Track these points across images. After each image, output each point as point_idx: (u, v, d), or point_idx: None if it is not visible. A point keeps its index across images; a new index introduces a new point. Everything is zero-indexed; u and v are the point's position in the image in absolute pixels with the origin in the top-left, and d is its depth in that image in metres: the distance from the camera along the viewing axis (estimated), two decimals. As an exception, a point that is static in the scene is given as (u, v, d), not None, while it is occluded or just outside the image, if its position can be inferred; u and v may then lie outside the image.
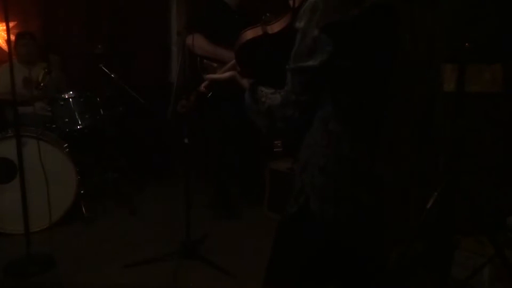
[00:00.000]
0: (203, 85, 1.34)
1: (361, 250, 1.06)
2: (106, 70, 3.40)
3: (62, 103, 3.16)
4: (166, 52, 4.50)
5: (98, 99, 3.35)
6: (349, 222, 1.01)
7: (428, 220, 1.92)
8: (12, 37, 3.97)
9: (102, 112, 3.36)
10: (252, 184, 3.50)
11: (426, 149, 1.30)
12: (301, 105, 1.01)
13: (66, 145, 3.05)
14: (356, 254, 1.07)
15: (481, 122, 2.14)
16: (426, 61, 1.12)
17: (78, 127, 3.17)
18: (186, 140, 2.40)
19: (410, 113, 1.12)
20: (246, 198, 3.47)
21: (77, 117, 3.16)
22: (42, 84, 3.02)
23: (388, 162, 1.05)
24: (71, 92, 3.19)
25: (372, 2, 0.93)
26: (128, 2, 4.32)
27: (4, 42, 4.30)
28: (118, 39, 4.27)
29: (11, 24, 4.02)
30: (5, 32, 4.30)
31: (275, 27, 1.11)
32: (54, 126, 3.16)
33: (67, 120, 3.15)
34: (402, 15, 1.00)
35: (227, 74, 1.22)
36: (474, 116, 2.10)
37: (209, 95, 1.39)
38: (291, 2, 1.09)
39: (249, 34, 1.14)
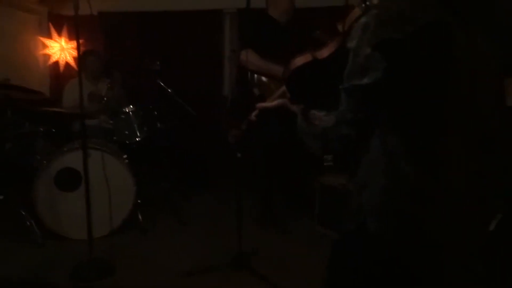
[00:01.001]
0: (253, 114, 1.36)
1: (420, 271, 1.04)
2: (163, 85, 3.57)
3: (123, 116, 3.34)
4: (219, 66, 4.64)
5: (155, 112, 3.51)
6: (408, 242, 0.99)
7: (491, 242, 1.83)
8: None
9: (158, 125, 3.51)
10: (301, 198, 3.49)
11: (487, 167, 1.24)
12: (357, 123, 1.01)
13: (125, 156, 3.22)
14: (415, 274, 1.04)
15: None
16: (483, 78, 1.08)
17: (137, 139, 3.33)
18: (238, 155, 2.45)
19: (469, 130, 1.09)
20: (295, 211, 3.46)
21: (136, 129, 3.33)
22: (105, 98, 3.22)
23: (449, 182, 1.02)
24: (131, 106, 3.36)
25: (425, 21, 0.92)
26: (183, 20, 4.52)
27: (72, 59, 4.64)
28: (174, 55, 4.48)
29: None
30: (74, 50, 4.67)
31: (324, 53, 1.12)
32: (114, 138, 3.35)
33: (127, 132, 3.32)
34: (456, 33, 0.98)
35: (277, 102, 1.24)
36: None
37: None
38: (340, 27, 1.10)
39: (299, 60, 1.16)
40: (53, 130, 3.18)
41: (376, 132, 1.01)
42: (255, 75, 2.95)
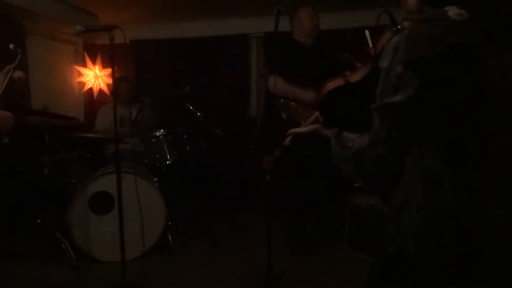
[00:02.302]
0: (287, 140, 1.38)
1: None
2: (192, 109, 3.64)
3: (154, 140, 3.42)
4: (246, 89, 4.70)
5: (185, 136, 3.58)
6: (450, 268, 0.96)
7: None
8: (110, 80, 4.46)
9: (188, 148, 3.57)
10: (331, 219, 3.44)
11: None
12: (392, 143, 1.00)
13: (156, 179, 3.29)
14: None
15: None
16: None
17: (167, 162, 3.40)
18: (268, 177, 2.46)
19: (508, 151, 1.06)
20: (325, 233, 3.41)
21: (166, 153, 3.40)
22: (135, 122, 3.32)
23: (491, 205, 0.99)
24: (161, 130, 3.45)
25: (454, 41, 0.92)
26: (211, 45, 4.64)
27: (106, 86, 4.83)
28: (202, 80, 4.59)
29: (110, 70, 4.54)
30: (107, 77, 4.86)
31: (356, 77, 1.13)
32: (146, 161, 3.42)
33: (158, 156, 3.40)
34: (487, 52, 0.97)
35: (310, 127, 1.25)
36: None
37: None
38: (372, 51, 1.11)
39: (331, 85, 1.17)
40: (88, 154, 3.29)
41: (412, 152, 1.00)
42: (282, 100, 2.98)
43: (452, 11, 1.01)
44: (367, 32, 1.26)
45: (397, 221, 1.01)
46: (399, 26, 1.10)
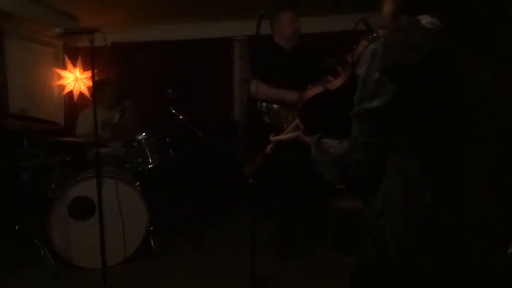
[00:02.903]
0: (268, 147, 1.39)
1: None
2: (175, 112, 3.62)
3: (136, 144, 3.39)
4: (229, 92, 4.70)
5: (167, 139, 3.55)
6: (430, 271, 0.98)
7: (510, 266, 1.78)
8: (91, 83, 4.40)
9: (171, 152, 3.54)
10: (315, 222, 3.46)
11: (505, 191, 1.23)
12: (371, 147, 1.01)
13: (138, 183, 3.25)
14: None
15: None
16: (499, 102, 1.09)
17: (149, 166, 3.36)
18: (250, 181, 2.46)
19: (486, 155, 1.08)
20: (309, 236, 3.43)
21: (148, 157, 3.36)
22: (117, 126, 3.28)
23: (470, 207, 1.01)
24: (143, 134, 3.41)
25: (430, 48, 0.94)
26: (194, 48, 4.63)
27: (86, 89, 4.76)
28: (185, 83, 4.57)
29: (90, 73, 4.47)
30: (88, 80, 4.79)
31: (335, 84, 1.15)
32: (127, 165, 3.38)
33: (139, 160, 3.36)
34: (461, 58, 1.00)
35: (291, 135, 1.27)
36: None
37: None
38: (349, 58, 1.13)
39: (311, 92, 1.19)
40: (68, 159, 3.23)
41: (392, 157, 1.01)
42: (264, 103, 2.98)
43: (425, 20, 1.03)
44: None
45: (378, 225, 1.02)
46: (374, 34, 1.12)
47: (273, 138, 1.35)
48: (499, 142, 1.09)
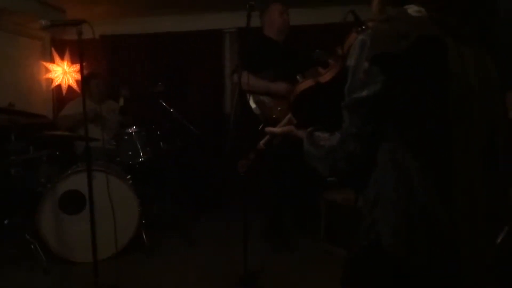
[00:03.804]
0: (261, 142, 1.38)
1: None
2: (166, 106, 3.60)
3: (126, 137, 3.36)
4: (220, 85, 4.68)
5: (158, 133, 3.53)
6: (422, 261, 0.99)
7: (501, 256, 1.81)
8: (80, 77, 4.34)
9: (161, 145, 3.52)
10: (307, 215, 3.48)
11: (494, 181, 1.25)
12: (362, 138, 1.02)
13: (129, 177, 3.23)
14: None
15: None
16: (485, 92, 1.11)
17: (140, 159, 3.34)
18: (242, 173, 2.44)
19: (474, 145, 1.09)
20: (301, 228, 3.45)
21: (139, 150, 3.34)
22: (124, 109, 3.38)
23: (461, 195, 1.02)
24: (134, 127, 3.38)
25: (417, 35, 0.95)
26: (184, 41, 4.59)
27: (75, 82, 4.70)
28: (176, 75, 4.53)
29: (79, 66, 4.41)
30: (76, 73, 4.73)
31: (326, 77, 1.15)
32: (118, 159, 3.36)
33: (130, 153, 3.33)
34: (450, 48, 1.01)
35: (284, 129, 1.26)
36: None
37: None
38: (339, 50, 1.13)
39: (302, 85, 1.18)
40: (57, 153, 3.19)
41: (383, 147, 1.02)
42: (254, 95, 2.98)
43: (412, 9, 1.04)
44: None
45: (371, 215, 1.03)
46: (363, 27, 1.12)
47: (267, 129, 1.34)
48: (485, 132, 1.10)
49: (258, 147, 1.42)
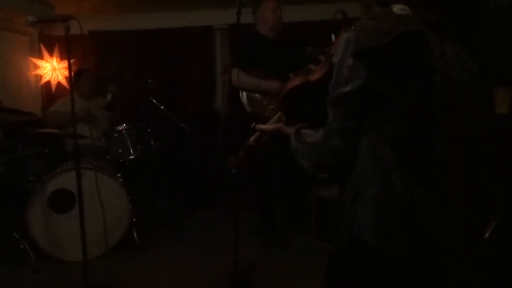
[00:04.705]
0: (251, 138, 1.39)
1: (418, 281, 1.04)
2: (156, 103, 3.57)
3: (116, 135, 3.33)
4: (211, 82, 4.66)
5: (149, 130, 3.51)
6: (403, 255, 1.00)
7: (488, 251, 1.83)
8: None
9: (152, 142, 3.50)
10: (298, 211, 3.49)
11: (478, 176, 1.27)
12: (345, 133, 1.04)
13: (119, 174, 3.21)
14: (413, 285, 1.04)
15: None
16: (467, 88, 1.13)
17: (131, 157, 3.32)
18: (233, 171, 2.45)
19: (457, 140, 1.11)
20: (293, 224, 3.46)
21: (129, 148, 3.32)
22: (110, 106, 3.41)
23: (441, 190, 1.04)
24: (124, 124, 3.36)
25: (400, 32, 0.97)
26: (174, 37, 4.55)
27: (64, 78, 4.65)
28: (166, 72, 4.51)
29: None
30: (66, 70, 4.68)
31: (316, 75, 1.16)
32: (108, 157, 3.33)
33: (120, 151, 3.31)
34: (432, 44, 1.03)
35: (274, 126, 1.28)
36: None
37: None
38: (328, 49, 1.14)
39: (292, 83, 1.20)
40: (46, 151, 3.16)
41: (364, 141, 1.03)
42: (245, 93, 2.97)
43: (396, 7, 1.07)
44: (333, 37, 1.29)
45: (352, 209, 1.05)
46: (353, 27, 1.14)
47: (258, 126, 1.35)
48: (469, 127, 1.12)
49: (248, 144, 1.43)
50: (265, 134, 1.36)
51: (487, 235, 1.91)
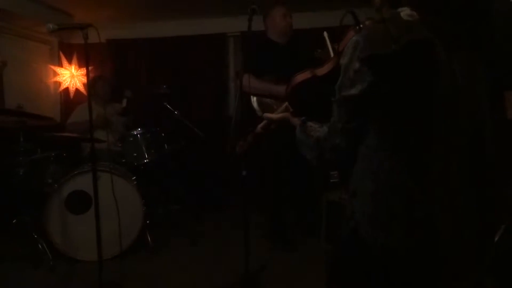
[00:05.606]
0: (259, 126, 1.44)
1: (414, 282, 1.06)
2: (170, 108, 3.65)
3: (131, 139, 3.41)
4: (224, 88, 4.73)
5: (162, 134, 3.58)
6: (399, 251, 1.03)
7: (497, 254, 1.83)
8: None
9: (166, 146, 3.58)
10: (308, 216, 3.50)
11: (480, 178, 1.29)
12: (348, 133, 1.07)
13: (134, 178, 3.28)
14: (408, 285, 1.06)
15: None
16: (470, 92, 1.15)
17: (145, 161, 3.40)
18: (244, 173, 2.49)
19: (456, 142, 1.14)
20: (303, 229, 3.47)
21: (144, 152, 3.39)
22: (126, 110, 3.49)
23: (440, 192, 1.06)
24: (139, 129, 3.44)
25: (408, 39, 0.99)
26: (188, 44, 4.65)
27: (82, 85, 4.78)
28: (180, 79, 4.60)
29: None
30: (83, 76, 4.81)
31: (323, 70, 1.21)
32: (123, 160, 3.41)
33: (135, 155, 3.39)
34: (439, 51, 1.05)
35: (281, 115, 1.34)
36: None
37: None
38: (336, 46, 1.19)
39: (300, 77, 1.25)
40: (64, 154, 3.26)
41: (364, 141, 1.07)
42: (256, 97, 3.02)
43: (404, 12, 1.09)
44: (325, 34, 1.35)
45: (351, 206, 1.08)
46: (361, 26, 1.17)
47: (266, 115, 1.42)
48: (470, 130, 1.14)
49: (256, 131, 1.49)
50: (273, 122, 1.41)
51: (497, 238, 1.90)
